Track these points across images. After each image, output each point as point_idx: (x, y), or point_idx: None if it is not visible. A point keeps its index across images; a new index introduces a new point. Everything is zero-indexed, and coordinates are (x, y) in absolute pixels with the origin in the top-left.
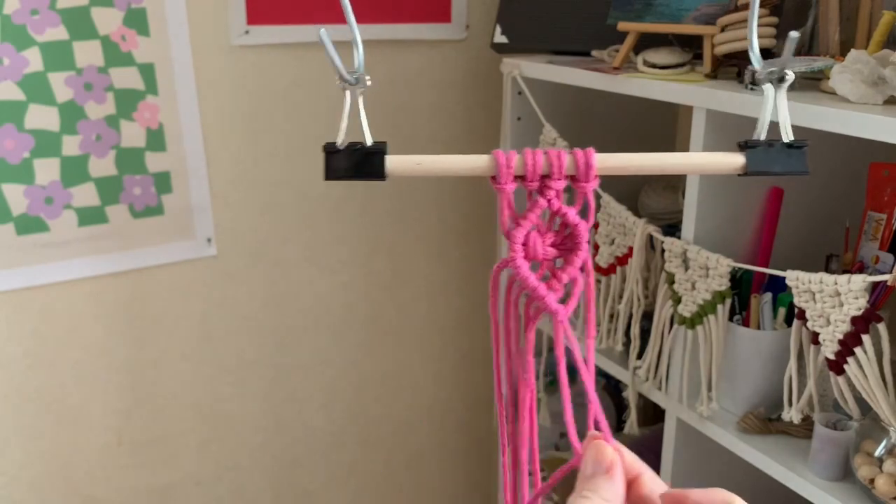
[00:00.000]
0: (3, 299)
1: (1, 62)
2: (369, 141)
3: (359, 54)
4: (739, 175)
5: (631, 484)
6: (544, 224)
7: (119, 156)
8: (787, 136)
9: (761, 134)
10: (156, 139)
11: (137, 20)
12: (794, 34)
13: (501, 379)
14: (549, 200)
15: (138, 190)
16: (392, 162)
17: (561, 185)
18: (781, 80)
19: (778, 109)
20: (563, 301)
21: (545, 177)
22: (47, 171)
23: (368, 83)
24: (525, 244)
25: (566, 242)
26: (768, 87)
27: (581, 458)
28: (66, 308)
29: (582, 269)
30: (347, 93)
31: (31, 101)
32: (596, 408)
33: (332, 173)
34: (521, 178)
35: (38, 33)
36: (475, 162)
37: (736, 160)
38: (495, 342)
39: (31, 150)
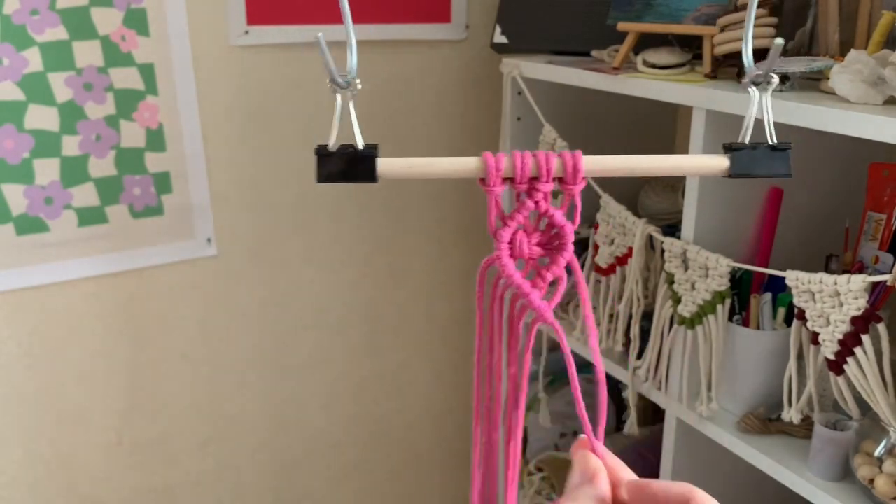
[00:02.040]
0: (3, 299)
1: (1, 62)
2: (361, 143)
3: (352, 58)
4: (724, 177)
5: (615, 487)
6: (531, 224)
7: (119, 156)
8: (772, 138)
9: (746, 136)
10: (156, 139)
11: (137, 20)
12: (778, 41)
13: (482, 373)
14: (536, 202)
15: (138, 190)
16: (383, 164)
17: (549, 187)
18: (767, 83)
19: (763, 112)
20: (547, 299)
21: (533, 179)
22: (47, 171)
23: (359, 87)
24: (511, 243)
25: (552, 242)
26: (753, 90)
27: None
28: (66, 308)
29: (568, 269)
30: (338, 96)
31: (30, 102)
32: (581, 409)
33: (323, 176)
34: (510, 179)
35: (38, 33)
36: (465, 164)
37: (720, 163)
38: (479, 337)
39: (30, 150)
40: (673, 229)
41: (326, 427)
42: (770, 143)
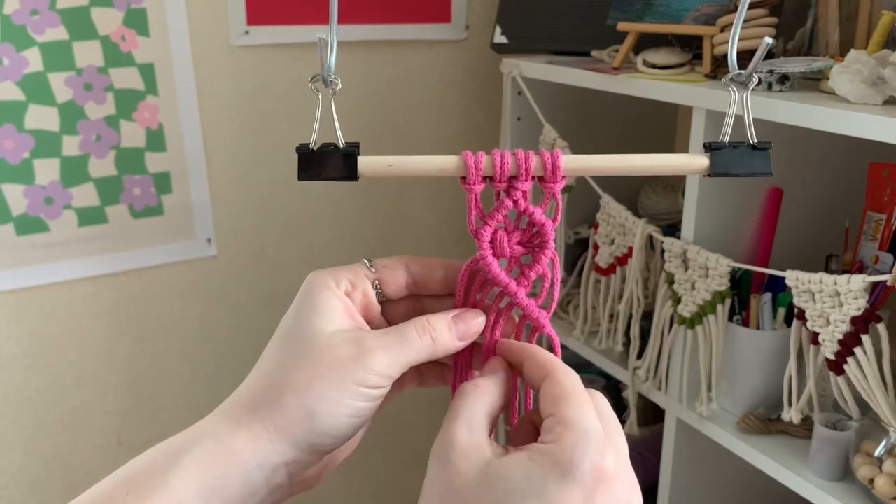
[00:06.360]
0: (3, 299)
1: (1, 62)
2: (342, 142)
3: (332, 57)
4: (705, 175)
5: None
6: (511, 223)
7: (119, 156)
8: (752, 137)
9: (726, 135)
10: (156, 139)
11: (137, 20)
12: (767, 40)
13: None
14: (514, 201)
15: (138, 190)
16: (364, 163)
17: (527, 186)
18: (747, 82)
19: (744, 111)
20: (534, 296)
21: (513, 178)
22: (47, 171)
23: (339, 87)
24: (492, 242)
25: (534, 240)
26: (732, 89)
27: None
28: (66, 308)
29: (550, 265)
30: (320, 95)
31: (31, 102)
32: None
33: (304, 174)
34: (490, 178)
35: (38, 33)
36: (445, 163)
37: (700, 162)
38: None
39: (31, 151)
40: (673, 229)
41: None
42: (750, 142)
